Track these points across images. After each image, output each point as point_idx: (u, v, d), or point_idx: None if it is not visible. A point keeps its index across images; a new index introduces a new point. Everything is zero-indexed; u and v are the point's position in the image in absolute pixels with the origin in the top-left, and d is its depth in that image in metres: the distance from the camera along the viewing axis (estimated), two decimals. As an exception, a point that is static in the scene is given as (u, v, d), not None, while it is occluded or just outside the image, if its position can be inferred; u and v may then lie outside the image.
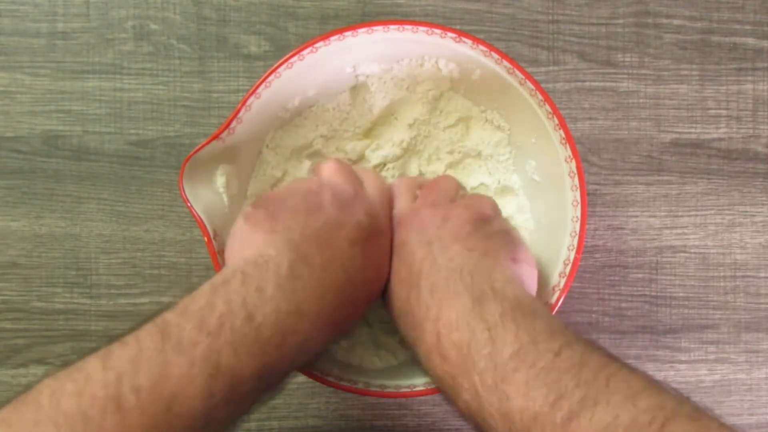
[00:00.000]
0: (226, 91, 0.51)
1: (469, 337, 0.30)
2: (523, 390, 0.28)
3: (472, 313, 0.31)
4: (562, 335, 0.30)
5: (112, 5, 0.51)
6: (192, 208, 0.39)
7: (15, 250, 0.50)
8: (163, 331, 0.29)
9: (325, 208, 0.36)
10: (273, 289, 0.31)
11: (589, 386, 0.27)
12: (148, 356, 0.28)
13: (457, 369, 0.31)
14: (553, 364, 0.28)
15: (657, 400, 0.26)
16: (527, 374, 0.28)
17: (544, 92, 0.40)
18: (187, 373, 0.28)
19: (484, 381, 0.29)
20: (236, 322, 0.30)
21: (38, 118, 0.50)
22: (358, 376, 0.42)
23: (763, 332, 0.52)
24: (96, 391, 0.27)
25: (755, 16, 0.53)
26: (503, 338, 0.30)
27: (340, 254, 0.35)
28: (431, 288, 0.34)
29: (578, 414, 0.26)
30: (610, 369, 0.28)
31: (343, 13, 0.51)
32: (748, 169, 0.53)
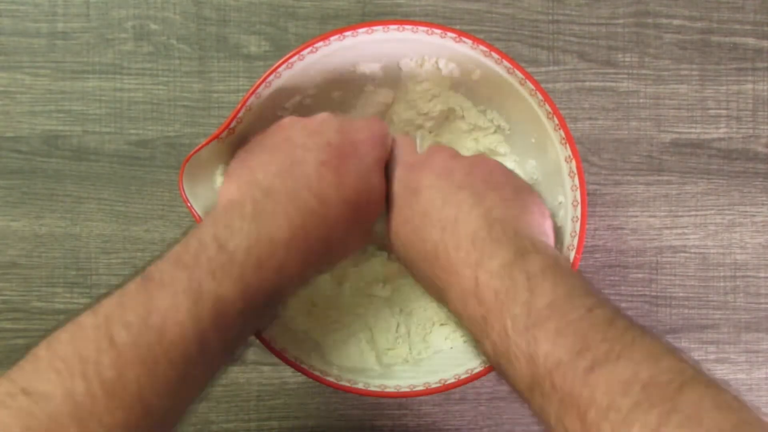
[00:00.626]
0: (226, 91, 0.51)
1: (509, 285, 0.31)
2: (551, 337, 0.29)
3: (514, 263, 0.32)
4: (596, 295, 0.31)
5: (112, 5, 0.51)
6: (192, 208, 0.39)
7: (15, 250, 0.50)
8: (145, 276, 0.31)
9: (292, 138, 0.37)
10: (239, 223, 0.33)
11: (615, 342, 0.28)
12: (133, 296, 0.30)
13: (492, 311, 0.32)
14: (584, 319, 0.29)
15: (677, 364, 0.27)
16: (558, 323, 0.29)
17: (544, 92, 0.40)
18: (171, 303, 0.30)
19: (516, 324, 0.30)
20: (210, 254, 0.32)
21: (38, 118, 0.50)
22: (358, 376, 0.42)
23: (763, 332, 0.52)
24: (88, 334, 0.28)
25: (755, 16, 0.53)
26: (541, 288, 0.31)
27: (307, 179, 0.36)
28: (472, 236, 0.34)
29: (600, 365, 0.27)
30: (636, 331, 0.29)
31: (343, 13, 0.51)
32: (748, 169, 0.53)
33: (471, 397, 0.51)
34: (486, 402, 0.51)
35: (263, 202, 0.34)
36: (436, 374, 0.42)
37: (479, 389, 0.51)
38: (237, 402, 0.51)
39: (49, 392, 0.27)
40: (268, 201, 0.34)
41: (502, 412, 0.51)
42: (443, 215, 0.36)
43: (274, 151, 0.37)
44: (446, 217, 0.36)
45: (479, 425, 0.51)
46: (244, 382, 0.50)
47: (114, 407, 0.27)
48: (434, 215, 0.36)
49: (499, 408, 0.51)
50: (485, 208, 0.35)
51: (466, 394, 0.51)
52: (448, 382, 0.40)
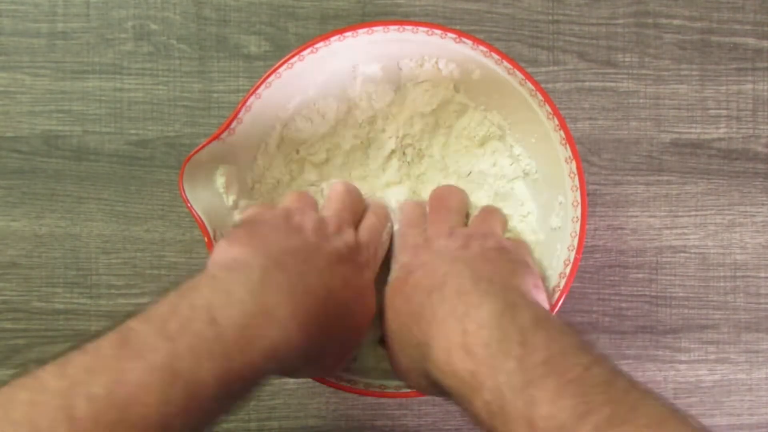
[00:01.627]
0: (226, 91, 0.51)
1: (500, 336, 0.30)
2: (551, 397, 0.27)
3: (504, 313, 0.31)
4: (591, 353, 0.30)
5: (112, 5, 0.51)
6: (192, 208, 0.39)
7: (15, 250, 0.50)
8: (124, 337, 0.28)
9: (304, 230, 0.37)
10: (241, 291, 0.30)
11: (618, 405, 0.27)
12: (105, 363, 0.27)
13: (482, 366, 0.30)
14: (582, 378, 0.28)
15: (682, 429, 0.26)
16: (557, 382, 0.28)
17: (544, 92, 0.40)
18: (142, 379, 0.27)
19: (510, 382, 0.29)
20: (198, 326, 0.29)
21: (38, 118, 0.50)
22: (359, 377, 0.42)
23: (763, 332, 0.52)
24: (48, 401, 0.26)
25: (755, 16, 0.53)
26: (534, 344, 0.29)
27: (318, 270, 0.34)
28: (458, 289, 0.34)
29: (604, 431, 0.26)
30: (638, 393, 0.28)
31: (343, 13, 0.51)
32: (748, 169, 0.53)
33: (471, 397, 0.51)
34: (486, 402, 0.51)
35: (273, 272, 0.32)
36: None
37: (479, 389, 0.51)
38: (237, 402, 0.51)
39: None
40: (278, 273, 0.32)
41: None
42: (433, 281, 0.36)
43: (287, 235, 0.36)
44: (435, 281, 0.35)
45: (479, 425, 0.51)
46: (244, 382, 0.51)
47: None
48: (425, 282, 0.36)
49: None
50: (473, 270, 0.35)
51: (466, 394, 0.51)
52: (448, 382, 0.40)
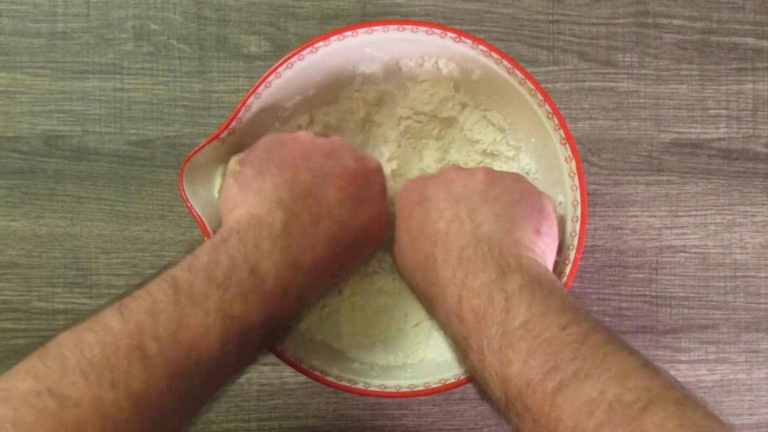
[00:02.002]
0: (226, 91, 0.51)
1: (487, 304, 0.32)
2: (523, 357, 0.29)
3: (494, 283, 0.32)
4: (573, 312, 0.31)
5: (112, 5, 0.51)
6: (192, 208, 0.39)
7: (15, 250, 0.50)
8: (174, 285, 0.31)
9: (311, 157, 0.38)
10: (269, 245, 0.33)
11: (584, 361, 0.28)
12: (164, 308, 0.30)
13: (471, 331, 0.32)
14: (556, 337, 0.29)
15: (646, 382, 0.27)
16: (530, 343, 0.29)
17: (544, 92, 0.40)
18: (203, 322, 0.30)
19: (490, 345, 0.31)
20: (242, 276, 0.32)
21: (38, 118, 0.50)
22: (359, 376, 0.42)
23: (763, 332, 0.52)
24: (118, 341, 0.28)
25: (755, 16, 0.53)
26: (517, 308, 0.31)
27: (329, 206, 0.36)
28: (459, 253, 0.35)
29: (567, 385, 0.27)
30: (609, 348, 0.29)
31: (343, 13, 0.51)
32: (748, 169, 0.53)
33: (471, 397, 0.51)
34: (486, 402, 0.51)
35: (291, 225, 0.35)
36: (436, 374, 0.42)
37: (479, 389, 0.51)
38: (237, 402, 0.51)
39: (77, 398, 0.26)
40: (296, 225, 0.35)
41: (502, 412, 0.51)
42: (437, 228, 0.36)
43: (295, 170, 0.37)
44: (438, 230, 0.36)
45: (479, 425, 0.51)
46: (244, 382, 0.50)
47: (137, 420, 0.27)
48: (429, 228, 0.37)
49: (499, 408, 0.51)
50: (475, 223, 0.35)
51: (466, 394, 0.51)
52: (448, 382, 0.40)
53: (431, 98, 0.46)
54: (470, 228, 0.35)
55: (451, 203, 0.37)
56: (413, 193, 0.40)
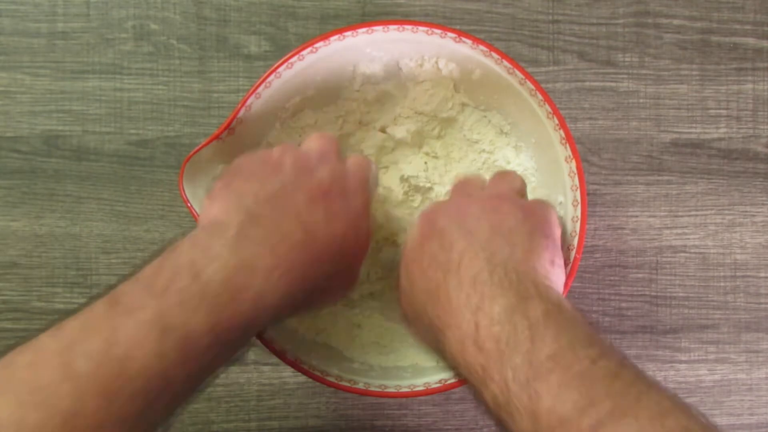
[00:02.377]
0: (226, 91, 0.51)
1: (510, 332, 0.30)
2: (555, 391, 0.28)
3: (516, 309, 0.31)
4: (600, 345, 0.30)
5: (112, 5, 0.51)
6: (192, 208, 0.39)
7: (15, 250, 0.50)
8: (114, 298, 0.30)
9: (283, 169, 0.36)
10: (220, 247, 0.32)
11: (620, 398, 0.27)
12: (97, 323, 0.29)
13: (491, 361, 0.31)
14: (588, 371, 0.28)
15: (684, 423, 0.26)
16: (561, 377, 0.28)
17: (544, 92, 0.40)
18: (135, 335, 0.28)
19: (516, 376, 0.29)
20: (183, 283, 0.30)
21: (38, 118, 0.50)
22: (359, 376, 0.42)
23: (763, 332, 0.52)
24: (47, 360, 0.27)
25: (755, 16, 0.53)
26: (543, 338, 0.30)
27: (296, 211, 0.35)
28: (474, 278, 0.33)
29: (605, 424, 0.26)
30: (642, 385, 0.28)
31: (343, 13, 0.51)
32: (748, 169, 0.53)
33: (471, 397, 0.51)
34: (486, 402, 0.51)
35: (248, 227, 0.33)
36: (436, 374, 0.42)
37: (479, 389, 0.51)
38: (237, 402, 0.51)
39: (1, 419, 0.25)
40: (253, 227, 0.33)
41: (502, 412, 0.51)
42: (449, 257, 0.35)
43: (264, 180, 0.36)
44: (451, 259, 0.35)
45: (479, 425, 0.51)
46: (244, 382, 0.50)
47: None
48: (441, 257, 0.35)
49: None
50: (490, 252, 0.34)
51: (466, 394, 0.51)
52: (448, 382, 0.40)
53: (431, 98, 0.46)
54: (484, 255, 0.34)
55: (464, 234, 0.35)
56: (425, 225, 0.38)
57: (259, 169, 0.37)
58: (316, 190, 0.36)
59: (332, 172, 0.37)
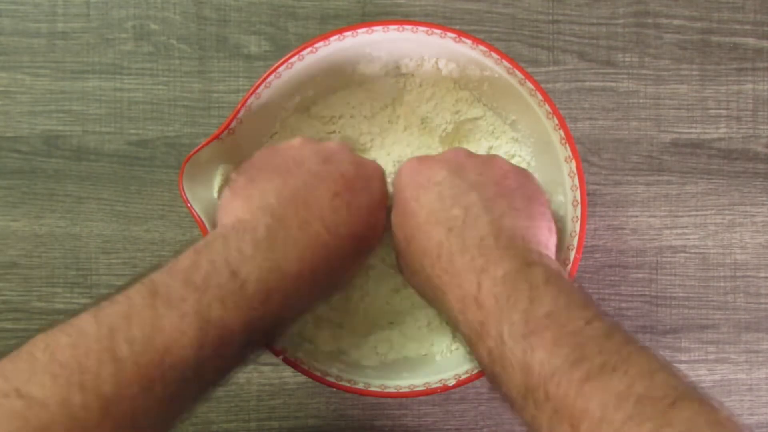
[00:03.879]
0: (226, 91, 0.51)
1: (511, 292, 0.31)
2: (548, 346, 0.29)
3: (519, 272, 0.32)
4: (595, 308, 0.31)
5: (112, 5, 0.51)
6: (192, 208, 0.39)
7: (15, 250, 0.50)
8: (152, 289, 0.30)
9: (305, 163, 0.37)
10: (252, 249, 0.32)
11: (611, 355, 0.28)
12: (139, 311, 0.29)
13: (490, 317, 0.32)
14: (581, 330, 0.29)
15: (672, 380, 0.27)
16: (556, 333, 0.29)
17: (543, 92, 0.40)
18: (178, 325, 0.29)
19: (513, 331, 0.30)
20: (221, 279, 0.31)
21: (38, 118, 0.50)
22: (359, 377, 0.42)
23: (763, 332, 0.52)
24: (90, 344, 0.28)
25: (755, 16, 0.53)
26: (542, 298, 0.31)
27: (320, 211, 0.35)
28: (479, 241, 0.34)
29: (595, 377, 0.27)
30: (633, 346, 0.29)
31: (343, 13, 0.51)
32: (748, 169, 0.53)
33: (471, 397, 0.51)
34: (486, 402, 0.51)
35: (276, 229, 0.34)
36: (436, 374, 0.42)
37: (479, 389, 0.51)
38: (237, 402, 0.51)
39: (44, 398, 0.26)
40: (281, 229, 0.34)
41: (502, 412, 0.51)
42: (451, 215, 0.35)
43: (286, 176, 0.36)
44: (454, 216, 0.35)
45: (479, 425, 0.51)
46: (244, 382, 0.51)
47: (106, 423, 0.27)
48: (441, 213, 0.35)
49: (499, 408, 0.51)
50: (495, 214, 0.35)
51: (466, 394, 0.51)
52: (448, 382, 0.40)
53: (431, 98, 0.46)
54: (489, 218, 0.34)
55: (465, 190, 0.35)
56: (418, 174, 0.38)
57: (281, 163, 0.37)
58: (340, 183, 0.36)
59: (354, 162, 0.38)
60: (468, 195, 0.35)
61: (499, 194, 0.36)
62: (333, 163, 0.37)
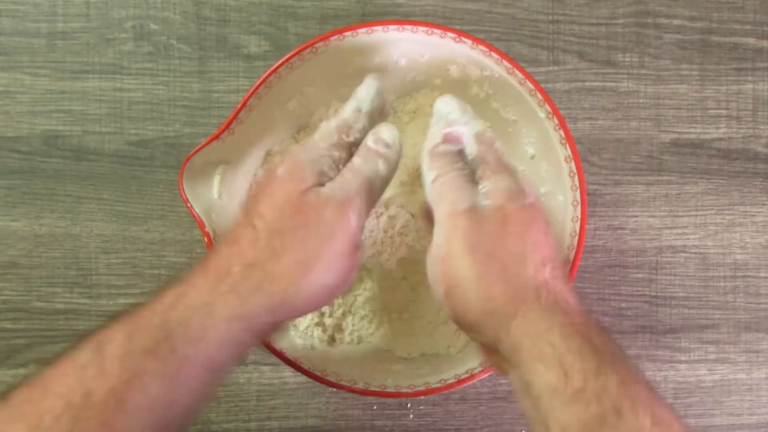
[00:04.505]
0: (226, 91, 0.51)
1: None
2: None
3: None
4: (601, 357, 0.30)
5: (112, 5, 0.51)
6: (192, 208, 0.39)
7: (15, 250, 0.50)
8: (214, 277, 0.32)
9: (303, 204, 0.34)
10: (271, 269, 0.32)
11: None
12: (198, 303, 0.31)
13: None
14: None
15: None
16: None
17: (543, 92, 0.40)
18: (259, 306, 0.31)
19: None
20: (266, 292, 0.32)
21: (38, 118, 0.50)
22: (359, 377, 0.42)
23: (763, 332, 0.52)
24: (155, 341, 0.30)
25: (755, 16, 0.53)
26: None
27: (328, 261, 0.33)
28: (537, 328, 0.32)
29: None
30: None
31: (343, 13, 0.51)
32: (748, 169, 0.53)
33: (471, 397, 0.51)
34: (486, 402, 0.51)
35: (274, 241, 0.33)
36: (436, 374, 0.42)
37: (479, 389, 0.51)
38: (237, 402, 0.51)
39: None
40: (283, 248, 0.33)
41: (502, 412, 0.51)
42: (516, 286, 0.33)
43: (286, 207, 0.33)
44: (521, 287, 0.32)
45: (479, 425, 0.51)
46: (244, 382, 0.50)
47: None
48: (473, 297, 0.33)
49: (499, 408, 0.51)
50: (511, 273, 0.32)
51: (466, 394, 0.51)
52: (448, 382, 0.40)
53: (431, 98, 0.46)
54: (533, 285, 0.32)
55: (477, 256, 0.33)
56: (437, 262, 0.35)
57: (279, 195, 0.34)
58: (325, 224, 0.33)
59: (328, 198, 0.34)
60: (481, 263, 0.33)
61: (502, 250, 0.33)
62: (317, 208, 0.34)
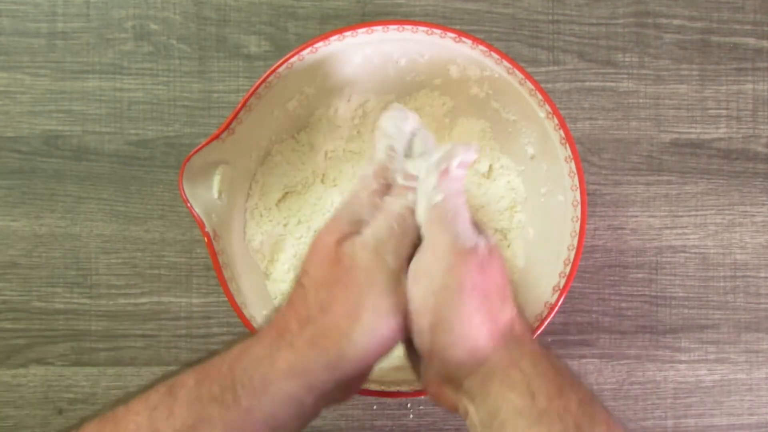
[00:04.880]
0: (226, 91, 0.51)
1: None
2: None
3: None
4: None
5: (112, 5, 0.51)
6: (192, 208, 0.39)
7: (15, 250, 0.50)
8: (280, 337, 0.32)
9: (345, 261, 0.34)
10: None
11: None
12: (269, 358, 0.32)
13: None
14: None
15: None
16: None
17: (543, 92, 0.40)
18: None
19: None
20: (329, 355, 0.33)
21: (38, 118, 0.50)
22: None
23: (763, 332, 0.52)
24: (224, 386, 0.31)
25: (755, 16, 0.53)
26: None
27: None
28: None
29: None
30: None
31: (343, 13, 0.51)
32: (748, 169, 0.53)
33: (471, 397, 0.51)
34: (486, 402, 0.51)
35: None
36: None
37: (479, 389, 0.51)
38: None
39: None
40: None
41: (502, 412, 0.51)
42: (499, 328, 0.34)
43: (331, 269, 0.34)
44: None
45: (479, 425, 0.51)
46: (244, 382, 0.50)
47: None
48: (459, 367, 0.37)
49: (499, 408, 0.51)
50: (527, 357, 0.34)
51: (466, 394, 0.51)
52: (448, 382, 0.40)
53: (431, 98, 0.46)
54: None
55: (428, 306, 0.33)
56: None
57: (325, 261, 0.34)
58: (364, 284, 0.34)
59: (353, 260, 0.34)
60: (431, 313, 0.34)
61: (458, 302, 0.33)
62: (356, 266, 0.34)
